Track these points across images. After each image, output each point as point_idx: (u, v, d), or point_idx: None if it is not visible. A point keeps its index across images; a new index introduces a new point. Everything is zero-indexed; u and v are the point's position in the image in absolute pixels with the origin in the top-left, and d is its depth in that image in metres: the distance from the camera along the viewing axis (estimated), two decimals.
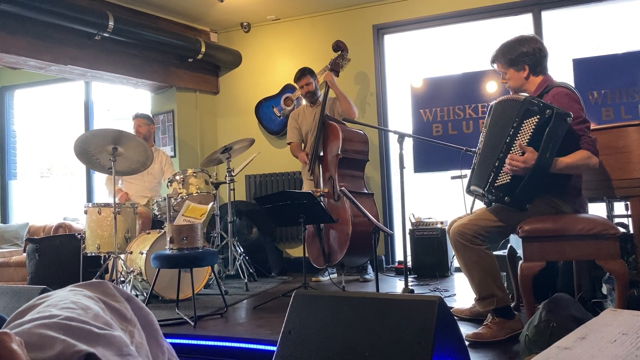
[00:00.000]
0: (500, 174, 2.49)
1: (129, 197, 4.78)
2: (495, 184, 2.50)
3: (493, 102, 2.73)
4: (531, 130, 2.41)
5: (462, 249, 2.63)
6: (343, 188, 3.63)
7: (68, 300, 1.01)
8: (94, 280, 1.18)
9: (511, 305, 2.69)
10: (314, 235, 4.44)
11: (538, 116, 2.40)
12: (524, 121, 2.44)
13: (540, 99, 2.47)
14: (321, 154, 4.53)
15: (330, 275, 4.69)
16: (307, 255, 3.83)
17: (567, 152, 2.46)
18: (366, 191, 4.47)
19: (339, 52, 4.77)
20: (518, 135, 2.45)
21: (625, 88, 4.44)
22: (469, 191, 2.80)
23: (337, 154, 4.32)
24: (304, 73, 4.78)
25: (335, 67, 4.69)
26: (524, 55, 2.66)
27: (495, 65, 2.80)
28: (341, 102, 4.60)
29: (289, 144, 4.97)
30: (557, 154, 2.43)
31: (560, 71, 4.66)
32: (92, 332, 0.93)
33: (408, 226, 4.61)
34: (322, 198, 4.42)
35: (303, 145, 4.86)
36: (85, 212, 4.03)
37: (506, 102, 2.62)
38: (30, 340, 0.86)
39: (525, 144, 2.41)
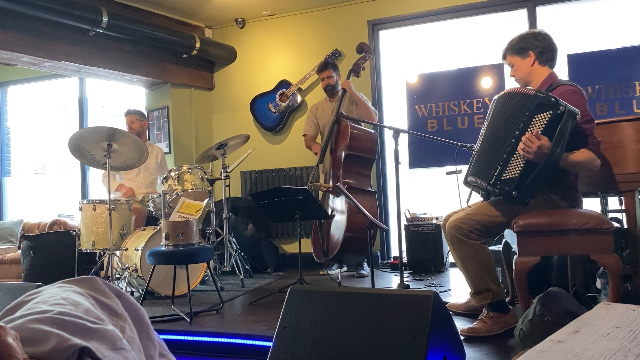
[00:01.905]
0: (507, 168, 2.46)
1: (133, 193, 4.76)
2: (502, 178, 2.48)
3: (497, 95, 2.70)
4: (544, 124, 2.38)
5: (458, 243, 2.63)
6: (338, 184, 3.63)
7: (58, 297, 1.00)
8: (83, 276, 1.17)
9: (506, 300, 2.70)
10: (317, 229, 4.47)
11: (551, 111, 2.36)
12: (536, 115, 2.41)
13: (552, 94, 2.44)
14: (331, 150, 4.54)
15: (330, 272, 4.70)
16: (303, 250, 3.84)
17: (573, 149, 2.46)
18: (369, 189, 4.47)
19: (362, 54, 4.75)
20: (529, 129, 2.41)
21: (620, 83, 4.45)
22: (466, 182, 2.79)
23: (344, 152, 4.33)
24: (326, 66, 4.78)
25: (356, 68, 4.68)
26: (530, 42, 2.66)
27: (505, 60, 2.79)
28: (360, 108, 4.58)
29: (304, 135, 4.99)
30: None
31: (555, 67, 4.66)
32: (86, 327, 0.93)
33: (403, 222, 4.62)
34: (328, 194, 4.44)
35: (321, 138, 4.87)
36: (80, 209, 4.03)
37: (513, 95, 2.57)
38: (24, 335, 0.86)
39: None
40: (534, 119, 2.41)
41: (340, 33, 5.47)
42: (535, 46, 2.66)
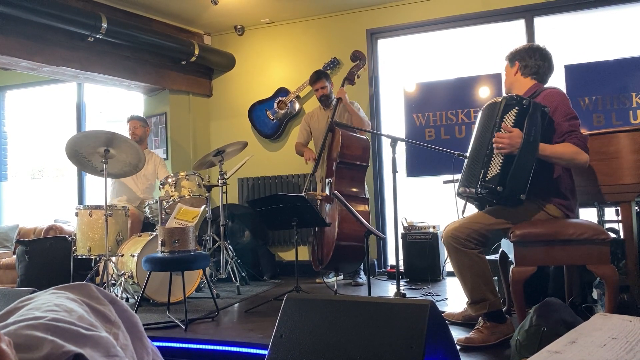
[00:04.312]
0: (489, 168, 2.53)
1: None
2: (486, 178, 2.53)
3: (481, 108, 2.80)
4: (512, 119, 2.50)
5: (455, 252, 2.64)
6: (336, 192, 3.63)
7: (51, 303, 1.00)
8: (76, 282, 1.17)
9: (502, 310, 2.69)
10: (314, 239, 4.47)
11: (517, 107, 2.50)
12: (505, 115, 2.53)
13: (518, 95, 2.57)
14: (325, 159, 4.55)
15: (327, 280, 4.69)
16: (300, 258, 3.83)
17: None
18: (362, 196, 4.47)
19: (357, 62, 4.79)
20: (500, 130, 2.51)
21: (617, 94, 4.48)
22: (459, 194, 2.83)
23: (336, 160, 4.33)
24: (320, 77, 4.76)
25: (350, 77, 4.71)
26: (521, 54, 2.78)
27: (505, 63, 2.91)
28: (353, 118, 4.59)
29: (296, 143, 5.03)
30: None
31: (552, 77, 4.67)
32: (80, 333, 0.92)
33: (400, 230, 4.62)
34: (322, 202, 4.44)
35: (315, 147, 4.87)
36: (76, 214, 4.01)
37: (488, 106, 2.70)
38: (18, 341, 0.85)
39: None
40: (504, 119, 2.53)
41: (338, 41, 5.49)
42: (522, 58, 2.78)
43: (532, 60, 2.75)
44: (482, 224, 2.63)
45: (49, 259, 4.51)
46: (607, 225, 3.42)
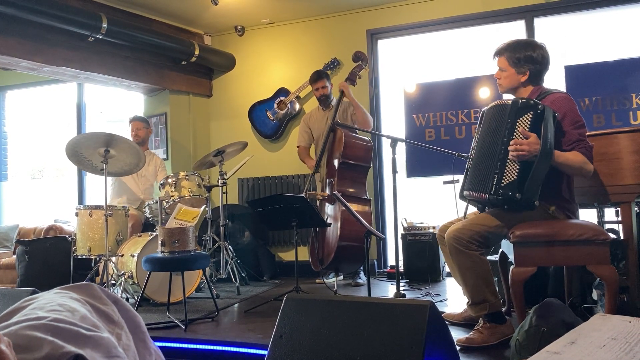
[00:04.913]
0: (504, 174, 2.48)
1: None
2: (502, 184, 2.47)
3: (484, 109, 2.76)
4: (528, 124, 2.43)
5: (457, 254, 2.62)
6: (335, 192, 3.63)
7: (55, 303, 1.00)
8: (80, 282, 1.17)
9: (502, 310, 2.69)
10: (314, 239, 4.47)
11: (531, 112, 2.43)
12: (518, 120, 2.46)
13: (529, 98, 2.52)
14: (327, 158, 4.55)
15: (326, 280, 4.69)
16: (300, 258, 3.83)
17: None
18: (364, 197, 4.47)
19: (358, 63, 4.78)
20: (514, 133, 2.46)
21: (616, 95, 4.47)
22: (462, 196, 2.80)
23: (338, 160, 4.33)
24: (320, 76, 4.76)
25: (352, 77, 4.69)
26: (531, 60, 2.66)
27: (496, 59, 2.77)
28: (357, 112, 4.60)
29: (298, 147, 5.00)
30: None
31: (552, 78, 4.68)
32: (80, 334, 0.93)
33: (400, 230, 4.62)
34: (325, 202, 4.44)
35: (315, 147, 4.87)
36: (76, 214, 4.01)
37: (496, 108, 2.65)
38: (18, 342, 0.86)
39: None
40: (517, 123, 2.47)
41: (339, 42, 5.49)
42: (531, 68, 2.68)
43: (544, 72, 2.71)
44: (486, 226, 2.61)
45: (49, 259, 4.52)
46: (607, 226, 3.42)
